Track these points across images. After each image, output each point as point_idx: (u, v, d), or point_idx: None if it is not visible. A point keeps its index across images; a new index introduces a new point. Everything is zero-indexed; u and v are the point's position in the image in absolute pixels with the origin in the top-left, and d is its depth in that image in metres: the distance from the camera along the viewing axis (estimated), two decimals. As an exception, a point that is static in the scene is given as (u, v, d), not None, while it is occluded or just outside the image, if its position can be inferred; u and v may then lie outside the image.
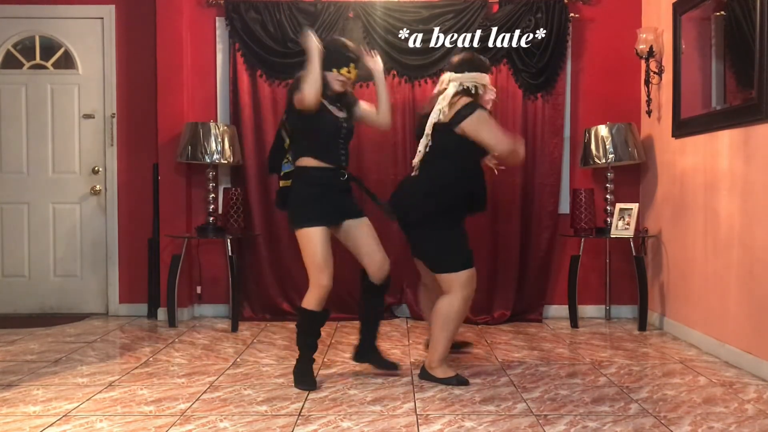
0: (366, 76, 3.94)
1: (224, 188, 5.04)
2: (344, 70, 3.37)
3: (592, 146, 4.85)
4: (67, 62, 5.38)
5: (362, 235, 3.48)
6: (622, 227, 4.80)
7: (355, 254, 3.53)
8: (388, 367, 3.60)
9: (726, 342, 3.92)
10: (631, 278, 4.96)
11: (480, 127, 3.36)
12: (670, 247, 4.68)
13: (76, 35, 5.34)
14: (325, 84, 3.36)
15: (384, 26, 4.99)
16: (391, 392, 3.32)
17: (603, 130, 4.83)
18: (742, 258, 3.76)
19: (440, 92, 3.53)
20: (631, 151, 4.82)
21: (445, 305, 3.44)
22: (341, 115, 3.45)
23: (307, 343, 3.46)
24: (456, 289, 3.42)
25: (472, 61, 3.56)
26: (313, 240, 3.32)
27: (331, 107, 3.42)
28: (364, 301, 3.62)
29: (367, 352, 3.63)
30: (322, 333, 3.36)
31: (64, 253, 5.39)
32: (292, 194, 3.44)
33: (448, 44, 4.99)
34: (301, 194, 3.41)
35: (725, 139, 3.95)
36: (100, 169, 5.34)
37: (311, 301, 3.37)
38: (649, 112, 4.98)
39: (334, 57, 3.37)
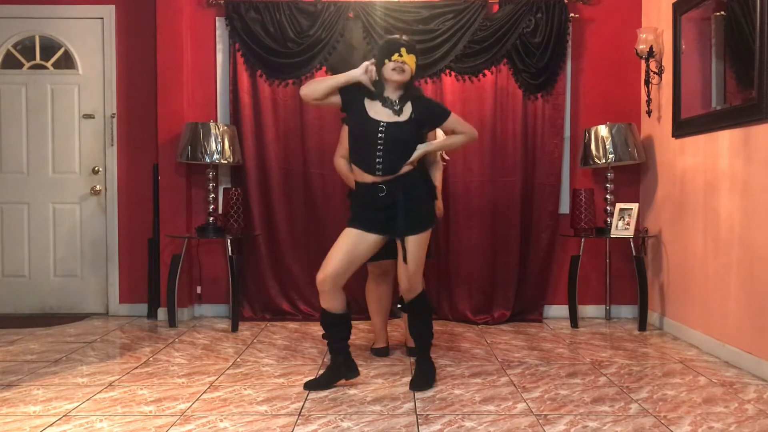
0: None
1: (224, 188, 5.04)
2: (395, 56, 3.26)
3: (592, 146, 4.85)
4: (67, 62, 5.38)
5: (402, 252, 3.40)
6: (622, 227, 4.80)
7: None
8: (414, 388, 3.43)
9: (726, 342, 3.92)
10: (631, 278, 4.96)
11: None
12: (670, 247, 4.68)
13: (76, 35, 5.34)
14: (379, 83, 3.33)
15: (384, 26, 4.98)
16: (391, 392, 3.32)
17: (603, 130, 4.83)
18: (742, 258, 3.76)
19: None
20: (631, 151, 4.82)
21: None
22: (385, 118, 3.31)
23: (324, 336, 3.42)
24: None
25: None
26: (340, 237, 3.36)
27: (372, 108, 3.33)
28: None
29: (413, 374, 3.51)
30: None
31: (64, 253, 5.39)
32: None
33: (448, 44, 5.00)
34: (352, 198, 3.52)
35: (725, 139, 3.95)
36: (100, 169, 5.34)
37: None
38: (649, 112, 4.98)
39: (385, 49, 3.31)
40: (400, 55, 3.27)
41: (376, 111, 3.33)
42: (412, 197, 3.32)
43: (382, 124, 3.30)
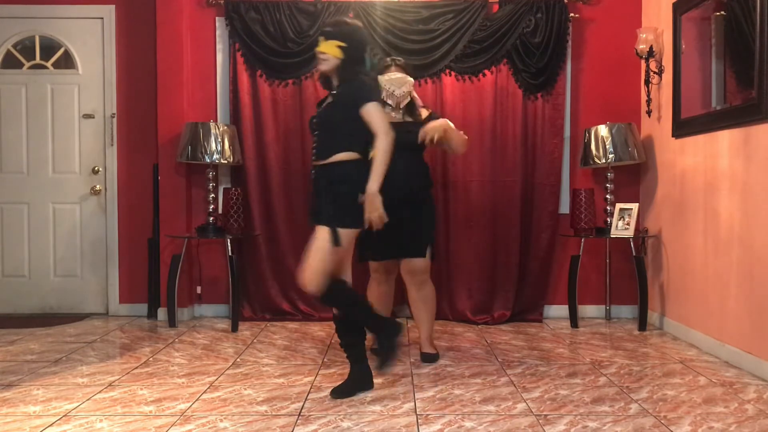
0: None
1: (224, 188, 5.04)
2: (317, 48, 3.23)
3: (592, 146, 4.85)
4: (67, 62, 5.38)
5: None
6: (622, 227, 4.80)
7: None
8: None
9: (726, 342, 3.92)
10: (631, 278, 4.96)
11: None
12: (670, 247, 4.68)
13: (76, 35, 5.34)
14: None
15: (384, 26, 4.99)
16: (391, 392, 3.32)
17: (603, 130, 4.83)
18: (742, 258, 3.76)
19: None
20: (631, 151, 4.82)
21: (433, 292, 3.99)
22: (320, 108, 3.34)
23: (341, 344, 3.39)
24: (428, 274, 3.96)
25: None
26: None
27: (325, 101, 3.36)
28: None
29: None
30: (323, 334, 3.32)
31: (64, 253, 5.39)
32: None
33: (448, 44, 5.00)
34: None
35: (725, 139, 3.95)
36: (100, 169, 5.34)
37: None
38: (649, 112, 4.98)
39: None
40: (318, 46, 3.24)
41: (325, 101, 3.36)
42: (332, 191, 3.17)
43: (318, 112, 3.33)
